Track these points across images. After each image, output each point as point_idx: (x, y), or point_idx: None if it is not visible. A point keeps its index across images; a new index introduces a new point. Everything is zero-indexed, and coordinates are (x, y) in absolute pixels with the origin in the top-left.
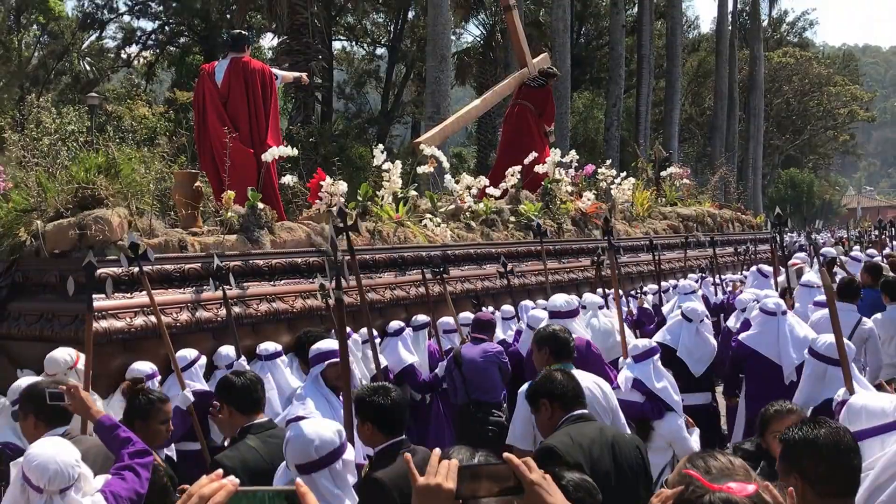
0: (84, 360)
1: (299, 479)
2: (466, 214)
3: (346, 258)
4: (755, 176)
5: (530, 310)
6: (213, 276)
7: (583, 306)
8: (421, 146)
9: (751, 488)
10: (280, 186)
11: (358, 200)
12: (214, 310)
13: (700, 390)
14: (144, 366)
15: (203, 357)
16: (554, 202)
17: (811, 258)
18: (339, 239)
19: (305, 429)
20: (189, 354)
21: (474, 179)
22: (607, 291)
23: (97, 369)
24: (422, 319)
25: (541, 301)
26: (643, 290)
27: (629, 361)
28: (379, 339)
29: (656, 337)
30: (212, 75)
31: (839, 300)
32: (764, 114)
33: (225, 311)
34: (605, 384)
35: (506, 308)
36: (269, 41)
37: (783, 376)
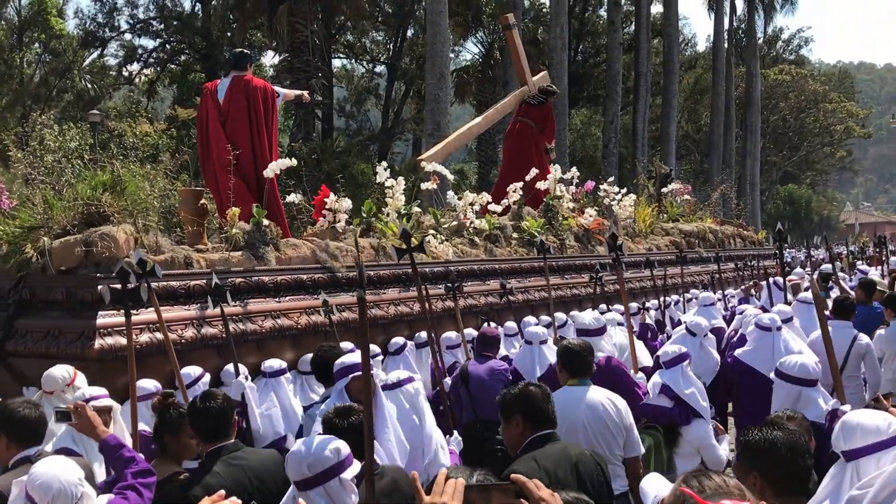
0: (84, 380)
1: (300, 499)
2: (470, 231)
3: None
4: (753, 192)
5: (528, 326)
6: (212, 294)
7: None
8: (424, 163)
9: None
10: (284, 203)
11: (362, 217)
12: (219, 326)
13: None
14: (149, 383)
15: (207, 375)
16: (556, 218)
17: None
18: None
19: (302, 445)
20: (193, 372)
21: (477, 196)
22: (611, 307)
23: (100, 386)
24: (424, 336)
25: (543, 318)
26: (645, 306)
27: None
28: (381, 357)
29: (660, 351)
30: (214, 93)
31: (835, 318)
32: (761, 130)
33: (230, 328)
34: (620, 402)
35: (509, 325)
36: (270, 59)
37: None
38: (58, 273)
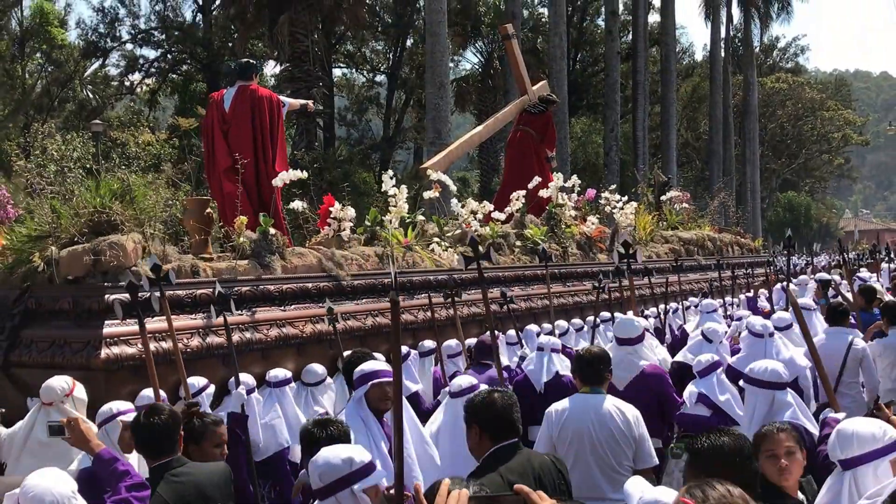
0: (81, 394)
1: None
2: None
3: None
4: (754, 199)
5: (540, 334)
6: (214, 303)
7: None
8: (428, 171)
9: None
10: (287, 212)
11: (366, 225)
12: (225, 335)
13: None
14: (152, 393)
15: (212, 386)
16: (559, 226)
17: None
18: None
19: (319, 455)
20: (198, 382)
21: (479, 204)
22: (613, 315)
23: (105, 398)
24: (428, 345)
25: (545, 325)
26: (644, 314)
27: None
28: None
29: (678, 357)
30: (220, 103)
31: (830, 325)
32: (759, 138)
33: (236, 337)
34: (631, 412)
35: (510, 333)
36: (271, 68)
37: None
38: (64, 282)
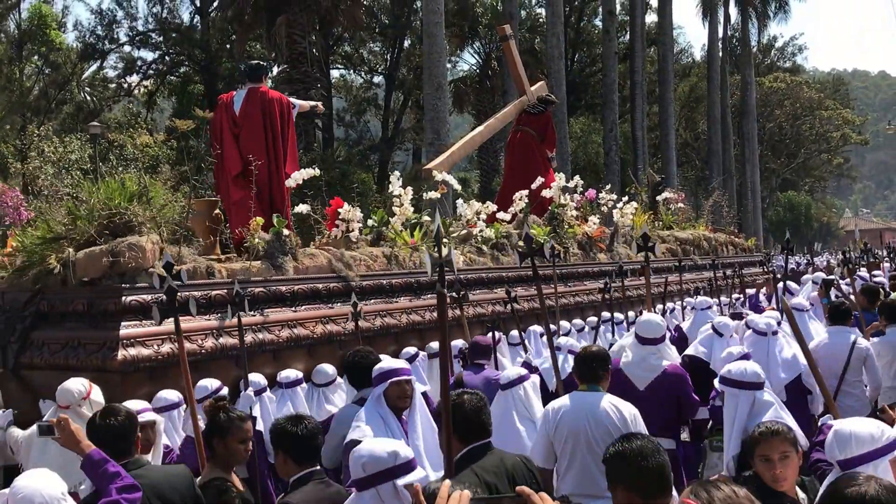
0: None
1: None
2: (477, 239)
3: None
4: (754, 199)
5: (555, 335)
6: (231, 303)
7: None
8: (433, 172)
9: None
10: (294, 214)
11: (372, 226)
12: (238, 337)
13: None
14: (171, 394)
15: (225, 388)
16: (561, 226)
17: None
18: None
19: (363, 446)
20: (211, 385)
21: (482, 205)
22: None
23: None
24: (436, 347)
25: (563, 323)
26: (640, 313)
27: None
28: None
29: (688, 350)
30: (230, 105)
31: (832, 324)
32: (758, 138)
33: (249, 338)
34: (629, 410)
35: (513, 334)
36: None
37: None
38: (78, 284)
